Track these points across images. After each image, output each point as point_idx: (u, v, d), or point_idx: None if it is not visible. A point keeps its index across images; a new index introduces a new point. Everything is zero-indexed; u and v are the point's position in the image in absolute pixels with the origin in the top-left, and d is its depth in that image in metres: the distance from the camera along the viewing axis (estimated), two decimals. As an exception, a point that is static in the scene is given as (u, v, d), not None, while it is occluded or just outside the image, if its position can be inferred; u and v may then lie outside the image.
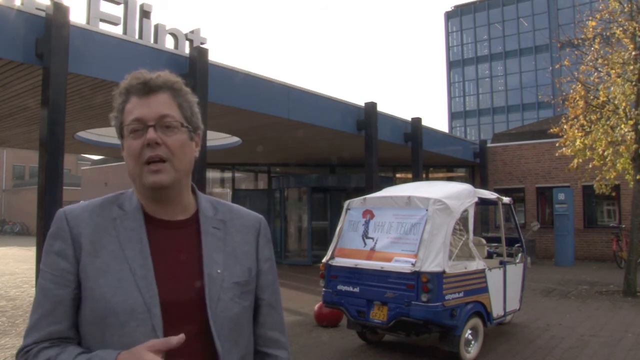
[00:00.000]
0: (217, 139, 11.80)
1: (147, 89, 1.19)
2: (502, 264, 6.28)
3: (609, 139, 9.81)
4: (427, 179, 16.88)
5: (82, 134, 10.91)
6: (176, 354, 1.08)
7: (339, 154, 14.48)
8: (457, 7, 54.30)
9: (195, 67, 7.48)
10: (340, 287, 5.78)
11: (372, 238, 5.74)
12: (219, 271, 1.21)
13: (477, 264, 5.64)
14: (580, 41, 10.77)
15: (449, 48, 54.53)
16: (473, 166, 17.87)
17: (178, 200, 1.24)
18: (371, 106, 11.15)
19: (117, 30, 7.76)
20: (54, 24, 5.98)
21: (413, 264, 5.17)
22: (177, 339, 1.04)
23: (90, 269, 1.14)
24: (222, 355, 1.17)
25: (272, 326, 1.33)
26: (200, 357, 1.16)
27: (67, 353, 1.09)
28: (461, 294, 5.32)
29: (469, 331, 5.48)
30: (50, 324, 1.13)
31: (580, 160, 10.37)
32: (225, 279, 1.21)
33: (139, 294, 1.12)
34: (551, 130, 11.20)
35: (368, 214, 5.95)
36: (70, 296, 1.14)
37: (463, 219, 5.76)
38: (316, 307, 7.15)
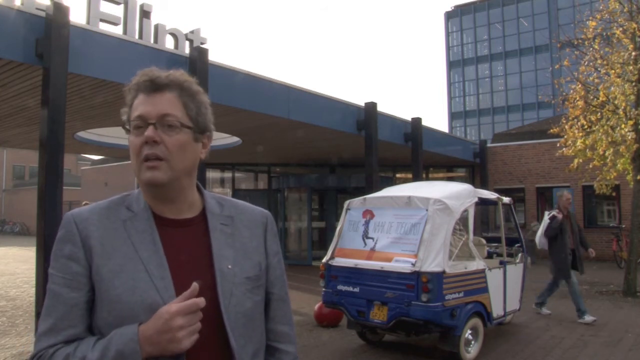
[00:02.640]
0: (217, 139, 11.79)
1: (153, 86, 1.20)
2: (502, 264, 6.28)
3: (609, 139, 9.81)
4: (427, 179, 16.88)
5: (82, 134, 10.90)
6: (193, 350, 1.09)
7: (339, 154, 14.48)
8: (457, 7, 54.30)
9: (195, 67, 7.48)
10: (340, 287, 5.78)
11: (372, 238, 5.74)
12: (229, 267, 1.22)
13: (477, 264, 5.64)
14: (580, 41, 10.78)
15: (449, 48, 54.53)
16: (473, 166, 17.87)
17: (182, 198, 1.25)
18: (371, 106, 11.15)
19: (117, 30, 7.76)
20: (54, 24, 5.97)
21: (413, 264, 5.17)
22: (191, 290, 1.08)
23: (104, 271, 1.14)
24: (236, 351, 1.17)
25: (282, 320, 1.35)
26: (216, 354, 1.17)
27: (85, 343, 1.10)
28: (461, 294, 5.32)
29: (469, 331, 5.48)
30: (67, 328, 1.12)
31: (581, 160, 10.37)
32: (237, 274, 1.22)
33: (157, 294, 1.12)
34: (551, 130, 11.20)
35: (368, 214, 5.95)
36: (84, 299, 1.14)
37: (463, 219, 5.76)
38: (316, 307, 7.15)
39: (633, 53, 9.44)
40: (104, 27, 7.51)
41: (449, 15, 54.65)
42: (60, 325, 1.12)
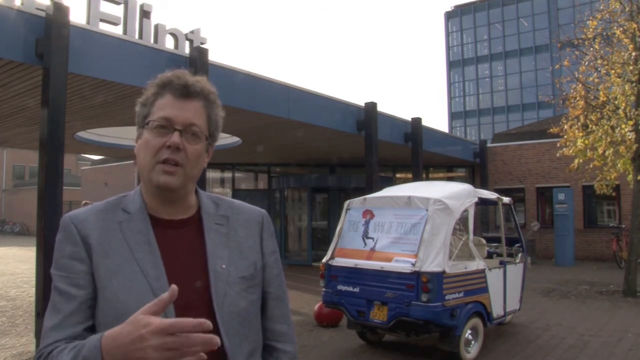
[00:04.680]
0: (218, 138, 11.78)
1: (185, 91, 1.21)
2: (502, 264, 6.28)
3: (609, 139, 9.81)
4: (427, 179, 16.88)
5: (82, 134, 10.90)
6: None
7: (339, 154, 14.48)
8: (457, 7, 54.31)
9: (195, 67, 7.46)
10: (340, 287, 5.78)
11: (372, 238, 5.75)
12: (223, 266, 1.22)
13: (477, 264, 5.64)
14: (580, 41, 10.78)
15: (449, 48, 54.53)
16: (473, 166, 17.87)
17: (182, 201, 1.26)
18: (371, 106, 11.14)
19: (117, 30, 7.75)
20: (54, 24, 5.97)
21: (413, 264, 5.17)
22: (168, 293, 0.96)
23: (102, 270, 1.15)
24: (229, 351, 1.17)
25: (279, 319, 1.35)
26: (211, 354, 1.16)
27: (71, 344, 1.09)
28: (461, 294, 5.32)
29: (469, 331, 5.48)
30: (74, 325, 1.13)
31: (581, 160, 10.37)
32: (231, 274, 1.22)
33: (153, 295, 1.11)
34: (551, 130, 11.20)
35: (368, 214, 5.95)
36: (91, 296, 1.15)
37: (463, 219, 5.76)
38: (316, 307, 7.16)
39: (633, 53, 9.43)
40: (104, 27, 7.51)
41: (449, 15, 54.65)
42: (66, 322, 1.13)
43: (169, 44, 8.56)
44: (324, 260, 6.08)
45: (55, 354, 1.09)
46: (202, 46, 8.51)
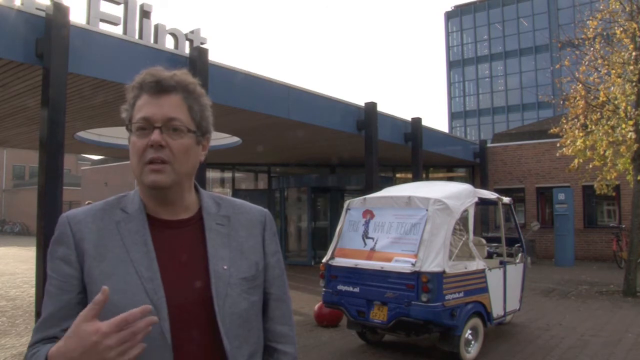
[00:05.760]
0: (217, 139, 11.79)
1: (159, 88, 1.18)
2: (502, 264, 6.28)
3: (609, 139, 9.81)
4: (427, 179, 16.87)
5: (82, 134, 10.90)
6: (186, 352, 1.08)
7: (339, 154, 14.48)
8: (457, 7, 54.31)
9: (195, 67, 7.47)
10: (340, 287, 5.78)
11: (372, 238, 5.74)
12: (225, 267, 1.20)
13: (477, 264, 5.64)
14: (580, 41, 10.78)
15: (449, 48, 54.54)
16: (473, 166, 17.87)
17: (180, 200, 1.24)
18: (371, 106, 11.14)
19: (117, 30, 7.76)
20: (54, 24, 5.97)
21: (413, 264, 5.17)
22: (101, 294, 0.97)
23: (96, 273, 1.14)
24: (229, 352, 1.16)
25: (280, 320, 1.33)
26: (210, 355, 1.16)
27: (46, 347, 1.08)
28: (461, 294, 5.32)
29: (469, 331, 5.48)
30: (52, 326, 1.14)
31: (581, 160, 10.38)
32: (232, 274, 1.21)
33: (147, 297, 1.11)
34: (551, 130, 11.21)
35: (368, 214, 5.95)
36: (75, 300, 1.15)
37: (463, 219, 5.76)
38: (316, 307, 7.15)
39: (633, 53, 9.43)
40: (104, 27, 7.51)
41: (449, 15, 54.65)
42: (47, 323, 1.14)
43: (169, 44, 8.56)
44: (324, 260, 6.08)
45: (29, 357, 1.10)
46: (202, 46, 8.51)
